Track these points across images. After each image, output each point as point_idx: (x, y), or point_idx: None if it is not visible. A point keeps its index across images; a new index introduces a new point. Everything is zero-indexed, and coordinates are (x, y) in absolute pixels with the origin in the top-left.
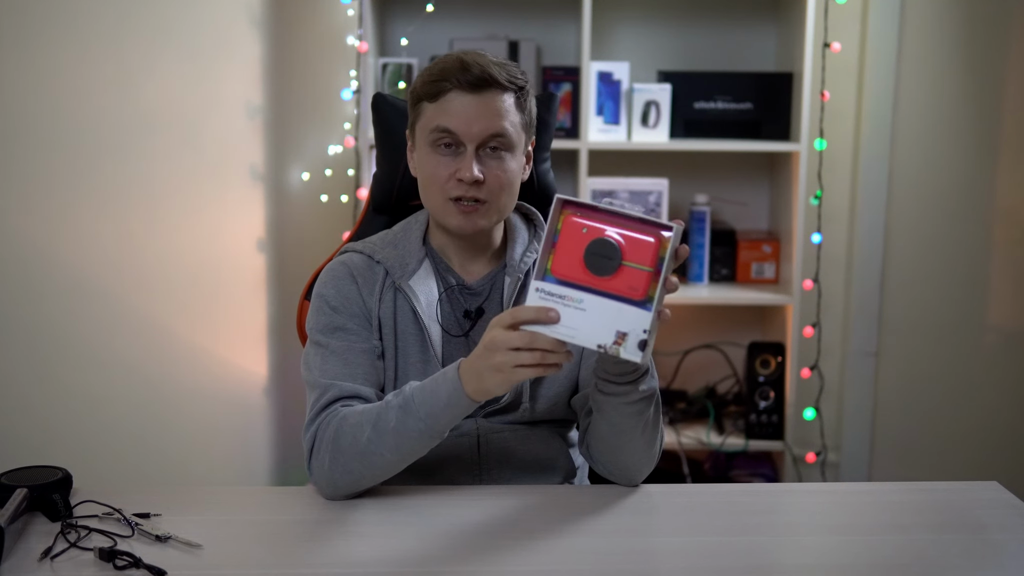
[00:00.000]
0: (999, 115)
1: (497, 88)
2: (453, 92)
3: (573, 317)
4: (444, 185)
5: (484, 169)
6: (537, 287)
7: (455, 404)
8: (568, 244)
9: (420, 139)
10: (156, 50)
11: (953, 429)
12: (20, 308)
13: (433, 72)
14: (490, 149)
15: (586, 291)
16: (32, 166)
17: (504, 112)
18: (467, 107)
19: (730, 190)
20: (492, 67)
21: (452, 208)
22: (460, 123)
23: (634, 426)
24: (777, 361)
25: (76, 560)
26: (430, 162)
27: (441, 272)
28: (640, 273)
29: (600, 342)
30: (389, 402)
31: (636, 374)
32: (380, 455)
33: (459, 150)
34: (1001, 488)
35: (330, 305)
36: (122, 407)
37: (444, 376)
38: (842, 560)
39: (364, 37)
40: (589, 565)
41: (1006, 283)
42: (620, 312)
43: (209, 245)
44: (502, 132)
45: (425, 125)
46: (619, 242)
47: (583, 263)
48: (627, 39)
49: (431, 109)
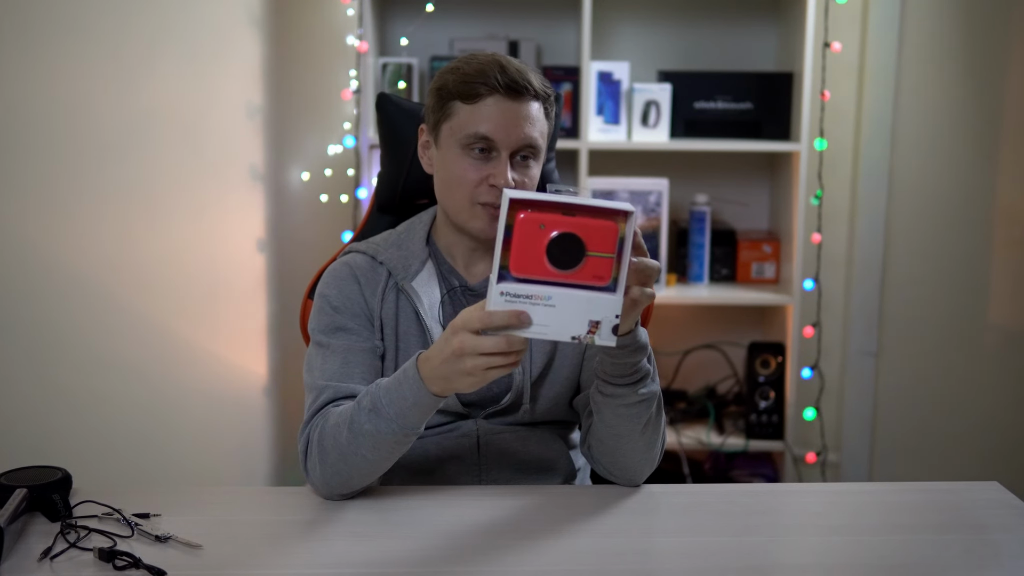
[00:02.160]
0: (999, 115)
1: (531, 95)
2: (493, 97)
3: (543, 314)
4: (474, 189)
5: (514, 175)
6: (502, 291)
7: (421, 403)
8: (526, 241)
9: (449, 139)
10: (156, 50)
11: (953, 429)
12: (20, 308)
13: (469, 72)
14: (520, 157)
15: (552, 286)
16: (32, 166)
17: (539, 121)
18: (506, 114)
19: (730, 190)
20: (532, 76)
21: (480, 212)
22: (498, 130)
23: (632, 428)
24: (777, 361)
25: (76, 560)
26: (459, 164)
27: (444, 273)
28: (604, 261)
29: (574, 334)
30: (361, 403)
31: (636, 376)
32: (361, 456)
33: (493, 155)
34: (1001, 488)
35: (332, 305)
36: (122, 407)
37: (405, 375)
38: (842, 560)
39: (364, 37)
40: (589, 565)
41: (1006, 283)
42: (590, 301)
43: (209, 245)
44: (535, 142)
45: (458, 126)
46: (580, 234)
47: (546, 259)
48: (627, 39)
49: (466, 111)
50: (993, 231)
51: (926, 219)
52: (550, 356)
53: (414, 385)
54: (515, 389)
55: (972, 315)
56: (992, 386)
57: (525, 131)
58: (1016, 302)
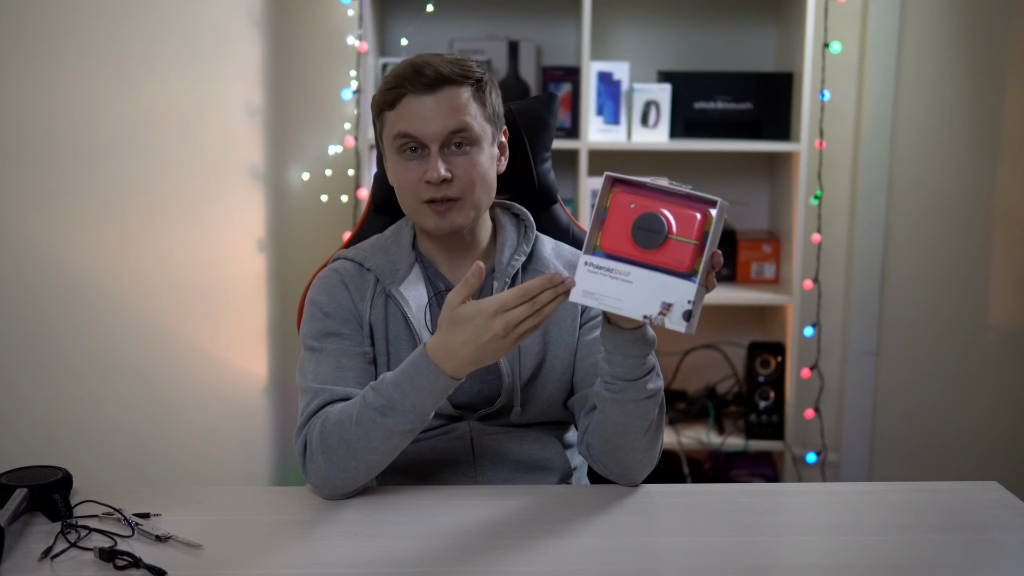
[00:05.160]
0: (999, 115)
1: (451, 84)
2: (409, 96)
3: (620, 289)
4: (415, 189)
5: (451, 167)
6: (586, 261)
7: (439, 389)
8: (616, 219)
9: (387, 148)
10: (156, 50)
11: (953, 429)
12: (20, 308)
13: (388, 80)
14: (455, 146)
15: (633, 264)
16: (32, 166)
17: (462, 107)
18: (423, 108)
19: (730, 190)
20: (443, 65)
21: (426, 210)
22: (418, 125)
23: (639, 425)
24: (777, 361)
25: (76, 560)
26: (399, 169)
27: (431, 277)
28: (686, 246)
29: (646, 312)
30: (367, 400)
31: (644, 369)
32: (372, 449)
33: (424, 152)
34: (1001, 488)
35: (323, 311)
36: (122, 407)
37: (415, 368)
38: (842, 560)
39: (364, 37)
40: (589, 565)
41: (1006, 283)
42: (665, 284)
43: (209, 245)
44: (463, 127)
45: (388, 133)
46: (666, 216)
47: (631, 237)
48: (627, 39)
49: (391, 117)
50: (993, 231)
51: (926, 219)
52: (540, 359)
53: (429, 374)
54: (505, 392)
55: (972, 315)
56: (992, 386)
57: (445, 120)
58: (1016, 302)
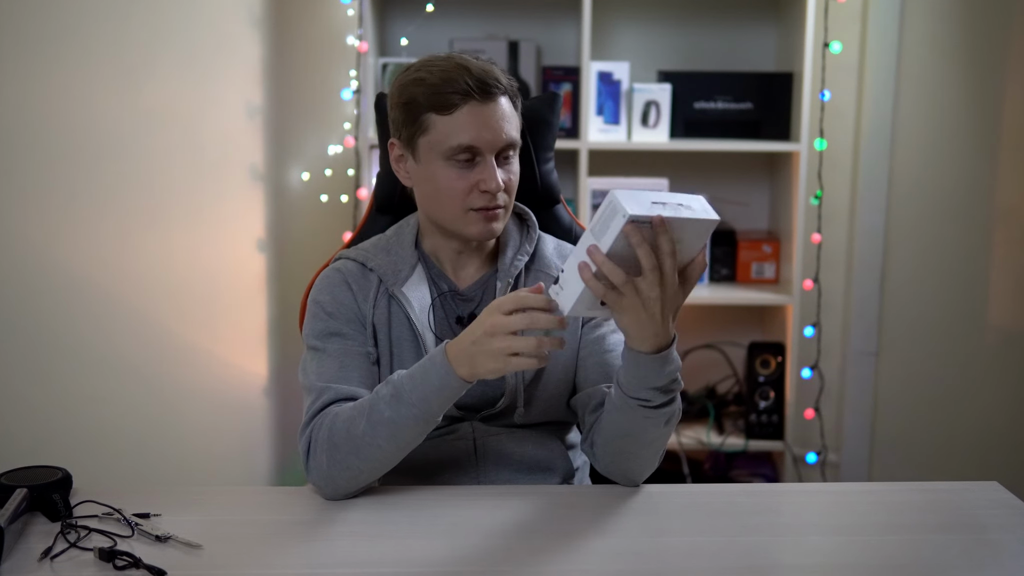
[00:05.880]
0: (999, 115)
1: (501, 93)
2: (467, 104)
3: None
4: (465, 198)
5: (501, 175)
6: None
7: (447, 387)
8: None
9: (429, 152)
10: (156, 50)
11: (953, 429)
12: (20, 308)
13: (436, 82)
14: (503, 157)
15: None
16: (32, 166)
17: (510, 117)
18: (483, 118)
19: (730, 190)
20: (500, 74)
21: (474, 216)
22: (480, 136)
23: (647, 437)
24: (777, 361)
25: (76, 560)
26: (446, 176)
27: (434, 277)
28: None
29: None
30: (379, 393)
31: (667, 398)
32: (377, 446)
33: (476, 160)
34: (1001, 488)
35: (326, 311)
36: (122, 407)
37: (431, 362)
38: (842, 560)
39: (364, 37)
40: (589, 565)
41: (1006, 283)
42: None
43: (209, 245)
44: (514, 139)
45: (438, 140)
46: None
47: None
48: (627, 39)
49: (443, 122)
50: (993, 231)
51: (926, 219)
52: None
53: (440, 369)
54: (508, 392)
55: (972, 315)
56: (992, 386)
57: (505, 131)
58: (1016, 302)
